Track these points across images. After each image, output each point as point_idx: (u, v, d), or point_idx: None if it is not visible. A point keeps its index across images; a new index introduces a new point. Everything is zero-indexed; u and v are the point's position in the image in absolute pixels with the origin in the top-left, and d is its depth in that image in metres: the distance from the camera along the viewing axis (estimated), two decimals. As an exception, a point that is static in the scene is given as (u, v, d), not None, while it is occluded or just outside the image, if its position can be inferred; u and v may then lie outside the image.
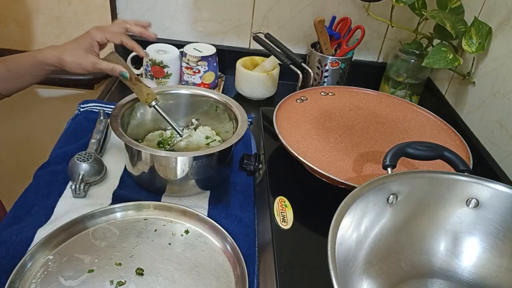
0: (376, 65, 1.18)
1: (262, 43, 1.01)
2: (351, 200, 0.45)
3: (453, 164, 0.54)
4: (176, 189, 0.76)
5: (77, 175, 0.73)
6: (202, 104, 0.86)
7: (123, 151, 0.79)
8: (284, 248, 0.56)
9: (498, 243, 0.50)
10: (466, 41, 0.85)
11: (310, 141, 0.68)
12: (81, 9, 1.10)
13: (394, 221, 0.51)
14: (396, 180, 0.49)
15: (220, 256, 0.66)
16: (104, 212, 0.70)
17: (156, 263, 0.63)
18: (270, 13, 1.10)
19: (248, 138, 0.93)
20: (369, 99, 0.82)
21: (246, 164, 0.76)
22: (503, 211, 0.49)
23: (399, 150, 0.54)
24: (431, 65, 0.86)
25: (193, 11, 1.11)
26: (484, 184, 0.50)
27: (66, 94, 1.22)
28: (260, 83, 1.06)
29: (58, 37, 1.14)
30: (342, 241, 0.43)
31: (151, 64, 1.02)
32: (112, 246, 0.65)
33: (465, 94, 0.93)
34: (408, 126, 0.75)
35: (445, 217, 0.52)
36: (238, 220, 0.72)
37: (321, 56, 1.05)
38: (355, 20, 1.07)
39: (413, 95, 1.07)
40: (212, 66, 1.04)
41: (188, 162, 0.71)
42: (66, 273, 0.60)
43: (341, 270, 0.40)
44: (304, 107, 0.77)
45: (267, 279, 0.58)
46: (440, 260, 0.53)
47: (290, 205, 0.63)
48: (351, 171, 0.62)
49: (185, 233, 0.69)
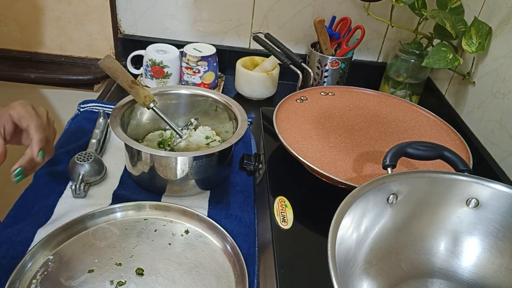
0: (376, 65, 1.17)
1: (262, 43, 1.01)
2: (351, 200, 0.45)
3: (453, 164, 0.54)
4: (176, 189, 0.76)
5: (77, 175, 0.73)
6: (202, 104, 0.86)
7: (123, 151, 0.78)
8: (284, 248, 0.56)
9: (498, 243, 0.50)
10: (466, 41, 0.85)
11: (310, 141, 0.68)
12: (81, 9, 1.10)
13: (394, 221, 0.51)
14: (396, 180, 0.49)
15: (220, 256, 0.66)
16: (104, 212, 0.70)
17: (156, 263, 0.63)
18: (270, 13, 1.10)
19: (248, 138, 0.93)
20: (369, 99, 0.82)
21: (246, 164, 0.76)
22: (503, 211, 0.49)
23: (399, 150, 0.54)
24: (431, 65, 0.86)
25: (193, 11, 1.11)
26: (484, 184, 0.50)
27: (66, 94, 1.22)
28: (260, 83, 1.06)
29: (58, 37, 1.14)
30: (342, 241, 0.43)
31: (151, 64, 1.02)
32: (112, 246, 0.65)
33: (465, 94, 0.93)
34: (408, 126, 0.75)
35: (445, 217, 0.52)
36: (238, 220, 0.72)
37: (321, 56, 1.05)
38: (355, 20, 1.07)
39: (413, 95, 1.07)
40: (212, 66, 1.04)
41: (188, 162, 0.71)
42: (66, 273, 0.60)
43: (341, 270, 0.40)
44: (304, 107, 0.77)
45: (267, 279, 0.58)
46: (440, 260, 0.53)
47: (290, 205, 0.63)
48: (351, 171, 0.62)
49: (185, 233, 0.69)
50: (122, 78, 0.72)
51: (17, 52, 1.16)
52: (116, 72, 0.71)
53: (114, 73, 0.72)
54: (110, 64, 0.71)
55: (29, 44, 1.16)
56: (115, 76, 0.73)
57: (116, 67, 0.71)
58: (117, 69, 0.71)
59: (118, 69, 0.72)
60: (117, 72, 0.71)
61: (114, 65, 0.72)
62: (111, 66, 0.71)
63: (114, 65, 0.72)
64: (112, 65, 0.71)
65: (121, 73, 0.71)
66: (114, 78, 0.73)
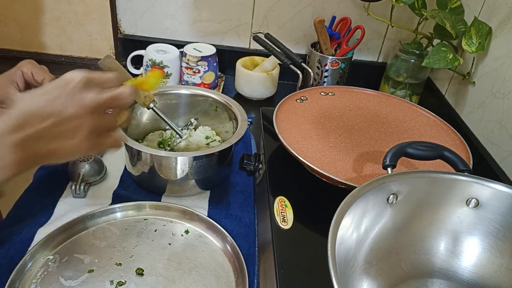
0: (376, 65, 1.17)
1: (262, 43, 1.01)
2: (351, 200, 0.45)
3: (453, 164, 0.54)
4: (176, 189, 0.76)
5: (77, 175, 0.73)
6: (202, 104, 0.86)
7: (123, 151, 0.78)
8: (284, 248, 0.56)
9: (498, 243, 0.50)
10: (466, 41, 0.85)
11: (310, 141, 0.68)
12: (81, 9, 1.10)
13: (394, 221, 0.51)
14: (396, 180, 0.49)
15: (220, 256, 0.66)
16: (104, 212, 0.70)
17: (156, 263, 0.63)
18: (270, 13, 1.10)
19: (248, 138, 0.93)
20: (369, 99, 0.82)
21: (246, 164, 0.76)
22: (503, 211, 0.49)
23: (399, 150, 0.54)
24: (431, 65, 0.86)
25: (193, 11, 1.11)
26: (484, 184, 0.50)
27: (66, 94, 1.22)
28: (260, 83, 1.06)
29: (58, 37, 1.14)
30: (342, 241, 0.43)
31: (151, 64, 1.02)
32: (112, 246, 0.65)
33: (465, 94, 0.93)
34: (408, 126, 0.75)
35: (445, 217, 0.52)
36: (238, 220, 0.72)
37: (321, 56, 1.05)
38: (355, 20, 1.07)
39: (413, 95, 1.07)
40: (212, 66, 1.04)
41: (188, 162, 0.71)
42: (66, 273, 0.60)
43: (341, 270, 0.40)
44: (304, 107, 0.77)
45: (267, 279, 0.58)
46: (440, 260, 0.53)
47: (290, 205, 0.63)
48: (351, 171, 0.62)
49: (185, 233, 0.69)
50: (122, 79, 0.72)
51: (17, 52, 1.16)
52: (116, 72, 0.71)
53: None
54: (110, 64, 0.71)
55: (29, 44, 1.16)
56: None
57: (116, 67, 0.72)
58: (117, 69, 0.71)
59: (118, 69, 0.72)
60: (117, 72, 0.71)
61: (114, 65, 0.72)
62: (111, 66, 0.71)
63: (114, 65, 0.72)
64: (112, 65, 0.71)
65: (121, 73, 0.71)
66: None
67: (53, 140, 0.41)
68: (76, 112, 0.41)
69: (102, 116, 0.44)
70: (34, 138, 0.40)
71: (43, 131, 0.40)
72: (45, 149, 0.41)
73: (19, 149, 0.39)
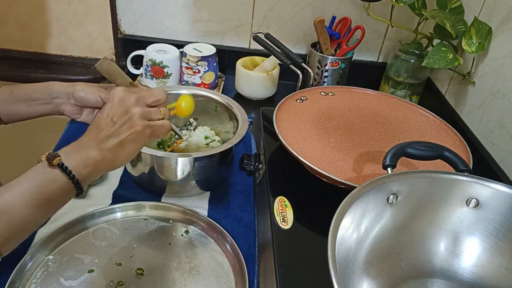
0: (376, 65, 1.17)
1: (262, 43, 1.01)
2: (351, 200, 0.45)
3: (453, 164, 0.54)
4: (176, 189, 0.76)
5: (77, 175, 0.73)
6: (202, 104, 0.86)
7: (123, 151, 0.78)
8: (284, 248, 0.56)
9: (498, 243, 0.50)
10: (466, 41, 0.85)
11: (310, 141, 0.68)
12: (81, 9, 1.10)
13: (394, 221, 0.51)
14: (396, 180, 0.49)
15: (220, 256, 0.66)
16: (104, 212, 0.70)
17: (156, 263, 0.63)
18: (270, 13, 1.10)
19: (248, 138, 0.93)
20: (369, 99, 0.82)
21: (246, 164, 0.76)
22: (503, 211, 0.49)
23: (399, 150, 0.54)
24: (431, 65, 0.86)
25: (193, 11, 1.11)
26: (484, 184, 0.50)
27: (66, 94, 1.22)
28: (260, 83, 1.06)
29: (58, 37, 1.14)
30: (342, 241, 0.43)
31: (151, 64, 1.02)
32: (112, 246, 0.65)
33: (465, 94, 0.93)
34: (408, 126, 0.75)
35: (445, 217, 0.52)
36: (238, 220, 0.72)
37: (321, 56, 1.05)
38: (355, 20, 1.07)
39: (413, 95, 1.07)
40: (212, 66, 1.04)
41: (189, 163, 0.71)
42: (66, 273, 0.60)
43: (341, 270, 0.40)
44: (304, 107, 0.77)
45: (267, 279, 0.58)
46: (440, 260, 0.53)
47: (290, 205, 0.63)
48: (351, 171, 0.62)
49: (185, 233, 0.69)
50: (120, 81, 0.72)
51: (17, 52, 1.16)
52: (114, 74, 0.71)
53: (112, 75, 0.72)
54: (107, 67, 0.70)
55: (29, 44, 1.16)
56: (113, 79, 0.72)
57: (114, 69, 0.71)
58: (114, 71, 0.71)
59: (116, 71, 0.71)
60: (115, 75, 0.71)
61: (112, 67, 0.71)
62: (109, 68, 0.70)
63: (112, 67, 0.71)
64: (109, 67, 0.71)
65: (119, 75, 0.71)
66: (112, 80, 0.72)
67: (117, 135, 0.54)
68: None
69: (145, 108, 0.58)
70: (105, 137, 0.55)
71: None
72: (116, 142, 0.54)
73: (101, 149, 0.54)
